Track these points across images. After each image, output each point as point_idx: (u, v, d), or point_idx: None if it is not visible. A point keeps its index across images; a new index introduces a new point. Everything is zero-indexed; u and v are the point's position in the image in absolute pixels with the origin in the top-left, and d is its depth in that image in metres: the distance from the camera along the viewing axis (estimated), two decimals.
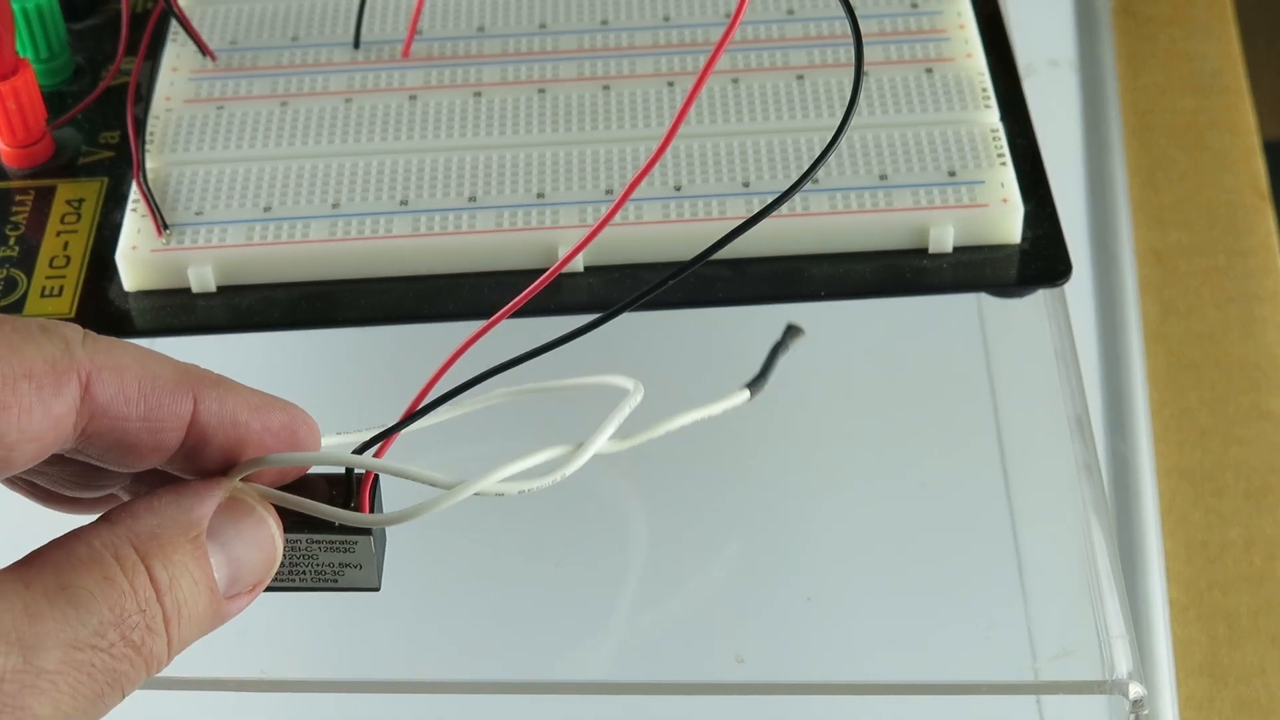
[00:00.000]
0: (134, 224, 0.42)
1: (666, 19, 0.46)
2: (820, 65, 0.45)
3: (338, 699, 0.40)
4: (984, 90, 0.44)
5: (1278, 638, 0.48)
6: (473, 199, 0.42)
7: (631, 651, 0.43)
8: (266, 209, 0.42)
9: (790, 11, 0.46)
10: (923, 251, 0.42)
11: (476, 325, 0.39)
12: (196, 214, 0.42)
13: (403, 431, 0.32)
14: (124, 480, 0.33)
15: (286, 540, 0.31)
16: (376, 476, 0.32)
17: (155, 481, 0.32)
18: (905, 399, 0.48)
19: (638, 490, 0.46)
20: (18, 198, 0.44)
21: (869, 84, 0.44)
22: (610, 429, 0.33)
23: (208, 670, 0.37)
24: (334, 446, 0.32)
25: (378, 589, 0.33)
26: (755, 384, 0.41)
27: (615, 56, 0.46)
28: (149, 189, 0.42)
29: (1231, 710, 0.47)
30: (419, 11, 0.46)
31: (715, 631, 0.43)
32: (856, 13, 0.46)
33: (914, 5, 0.47)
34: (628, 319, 0.37)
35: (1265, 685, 0.47)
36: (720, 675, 0.41)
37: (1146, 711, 0.37)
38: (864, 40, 0.46)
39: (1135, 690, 0.37)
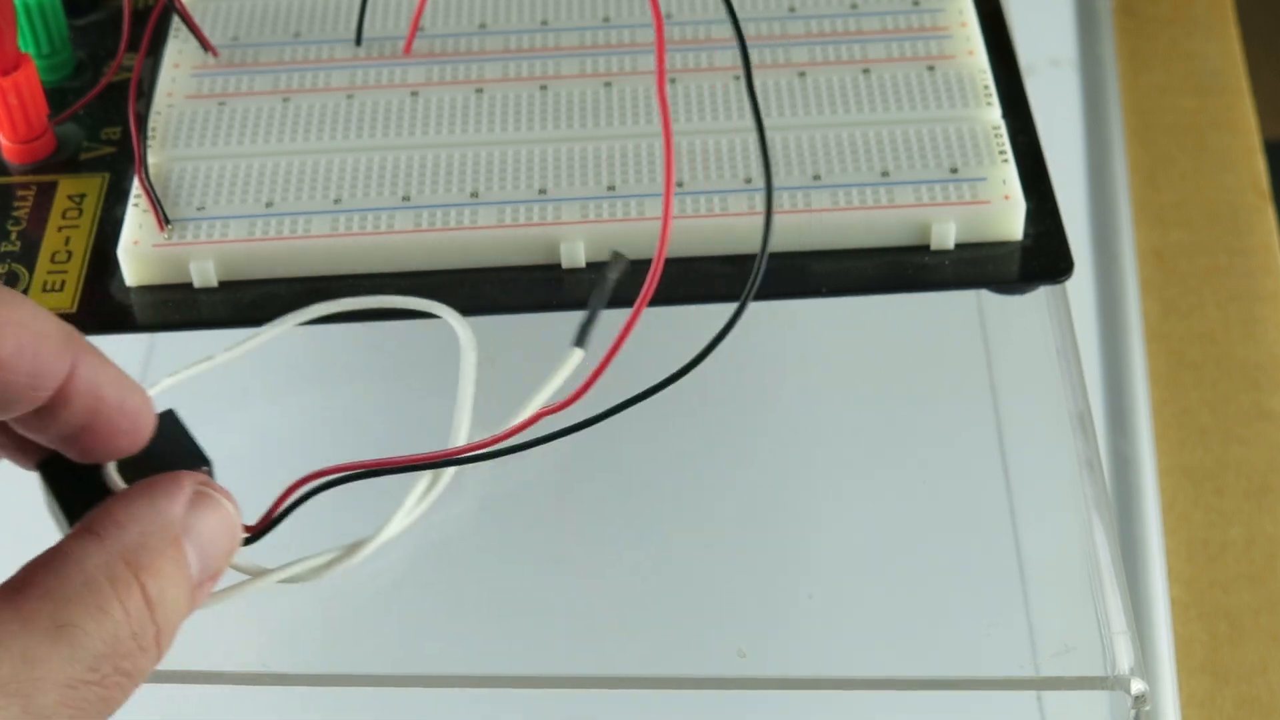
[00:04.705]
0: (136, 219, 0.42)
1: (669, 16, 0.46)
2: (822, 63, 0.45)
3: (338, 692, 0.40)
4: (985, 87, 0.44)
5: (1279, 636, 0.48)
6: (475, 195, 0.42)
7: (633, 646, 0.43)
8: (268, 204, 0.42)
9: (792, 9, 0.47)
10: (924, 248, 0.42)
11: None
12: (198, 209, 0.42)
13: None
14: None
15: None
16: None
17: None
18: (907, 395, 0.48)
19: (638, 485, 0.46)
20: (19, 193, 0.44)
21: (871, 81, 0.44)
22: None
23: (208, 663, 0.37)
24: None
25: None
26: (584, 336, 0.38)
27: (617, 53, 0.46)
28: (151, 184, 0.42)
29: (1233, 708, 0.47)
30: (421, 8, 0.46)
31: (717, 626, 0.43)
32: (860, 9, 0.47)
33: (916, 3, 0.47)
34: (625, 315, 0.37)
35: (1267, 684, 0.47)
36: (722, 670, 0.41)
37: (1148, 707, 0.37)
38: (866, 37, 0.46)
39: (1137, 686, 0.37)
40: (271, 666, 0.40)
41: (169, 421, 0.34)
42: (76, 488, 0.33)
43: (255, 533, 0.34)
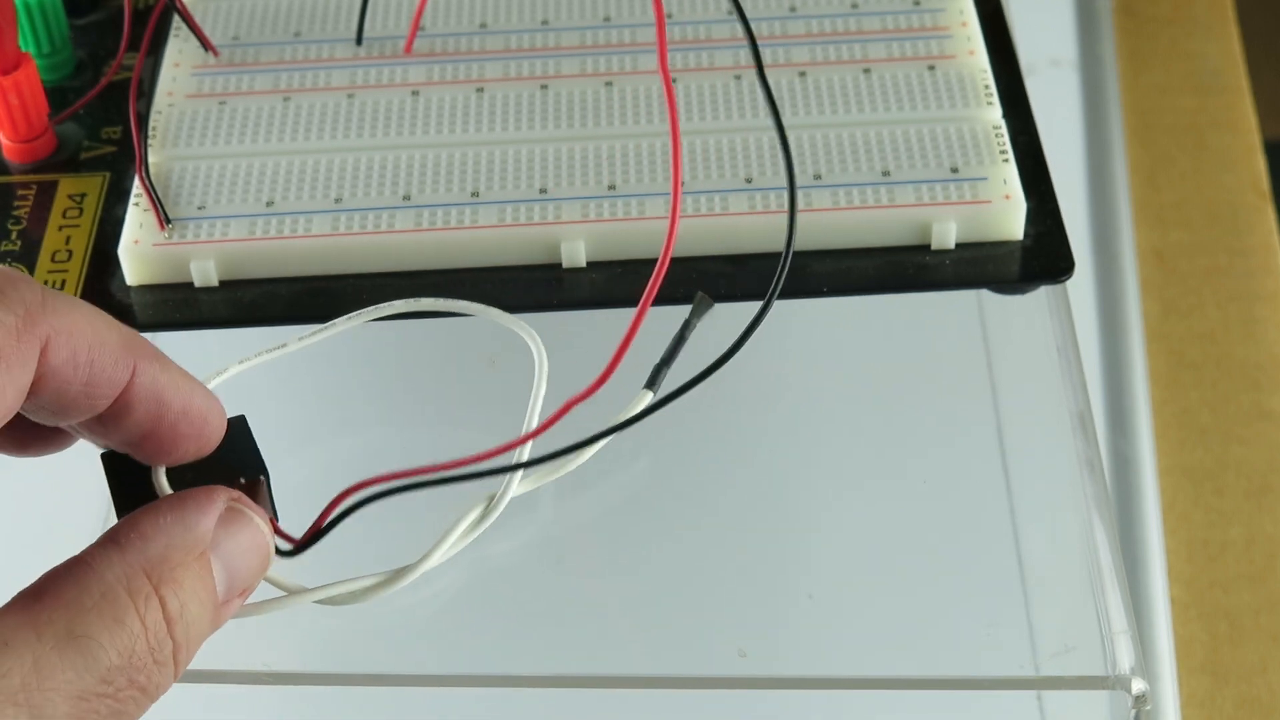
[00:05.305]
0: (136, 218, 0.42)
1: (669, 15, 0.46)
2: (823, 62, 0.45)
3: (338, 692, 0.40)
4: (986, 87, 0.44)
5: (1279, 636, 0.49)
6: (475, 194, 0.42)
7: (633, 646, 0.43)
8: (269, 204, 0.42)
9: (793, 9, 0.47)
10: (925, 248, 0.42)
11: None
12: (199, 209, 0.42)
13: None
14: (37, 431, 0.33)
15: None
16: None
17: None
18: (907, 395, 0.48)
19: (639, 484, 0.46)
20: (20, 192, 0.44)
21: (872, 80, 0.44)
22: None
23: (209, 663, 0.37)
24: None
25: None
26: (656, 378, 0.38)
27: (617, 53, 0.46)
28: (151, 184, 0.42)
29: (1233, 708, 0.47)
30: (422, 8, 0.46)
31: (718, 626, 0.43)
32: (860, 9, 0.47)
33: (916, 3, 0.47)
34: (625, 314, 0.37)
35: (1266, 683, 0.48)
36: (723, 670, 0.41)
37: (1149, 707, 0.37)
38: (867, 37, 0.46)
39: (1138, 685, 0.37)
40: (273, 666, 0.40)
41: (237, 427, 0.33)
42: (131, 482, 0.33)
43: (298, 546, 0.34)
